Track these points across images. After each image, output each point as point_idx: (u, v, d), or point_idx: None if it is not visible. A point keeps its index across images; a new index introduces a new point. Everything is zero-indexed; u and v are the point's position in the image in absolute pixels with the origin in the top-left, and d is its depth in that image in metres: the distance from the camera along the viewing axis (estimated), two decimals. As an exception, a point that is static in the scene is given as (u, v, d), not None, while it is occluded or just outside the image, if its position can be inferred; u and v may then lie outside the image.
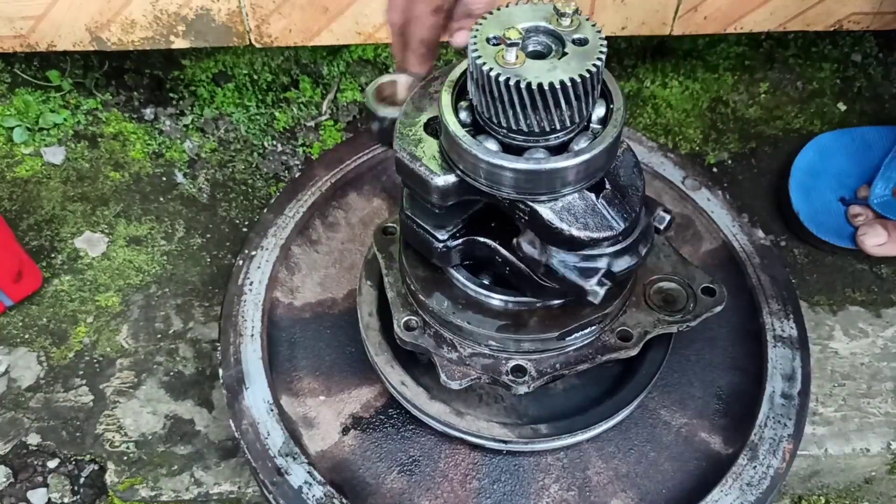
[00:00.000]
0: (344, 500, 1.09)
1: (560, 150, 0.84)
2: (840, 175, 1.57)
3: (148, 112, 1.73)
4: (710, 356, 1.24)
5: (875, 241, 1.46)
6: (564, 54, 0.80)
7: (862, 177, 1.55)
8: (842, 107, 1.78)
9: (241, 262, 1.30)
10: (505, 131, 0.83)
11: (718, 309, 1.10)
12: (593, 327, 1.04)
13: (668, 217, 0.99)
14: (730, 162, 1.72)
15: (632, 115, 1.76)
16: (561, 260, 0.91)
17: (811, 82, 1.80)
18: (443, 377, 1.03)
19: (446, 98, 0.87)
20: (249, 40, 1.52)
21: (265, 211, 1.36)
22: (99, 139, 1.70)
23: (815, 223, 1.54)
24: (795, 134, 1.74)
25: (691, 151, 1.73)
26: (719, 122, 1.76)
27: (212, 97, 1.74)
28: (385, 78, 1.02)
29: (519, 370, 1.03)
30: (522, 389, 1.03)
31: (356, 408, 1.19)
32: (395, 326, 1.05)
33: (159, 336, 1.47)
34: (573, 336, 1.03)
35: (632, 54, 1.80)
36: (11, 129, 1.67)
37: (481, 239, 0.96)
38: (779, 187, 1.64)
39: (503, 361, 1.04)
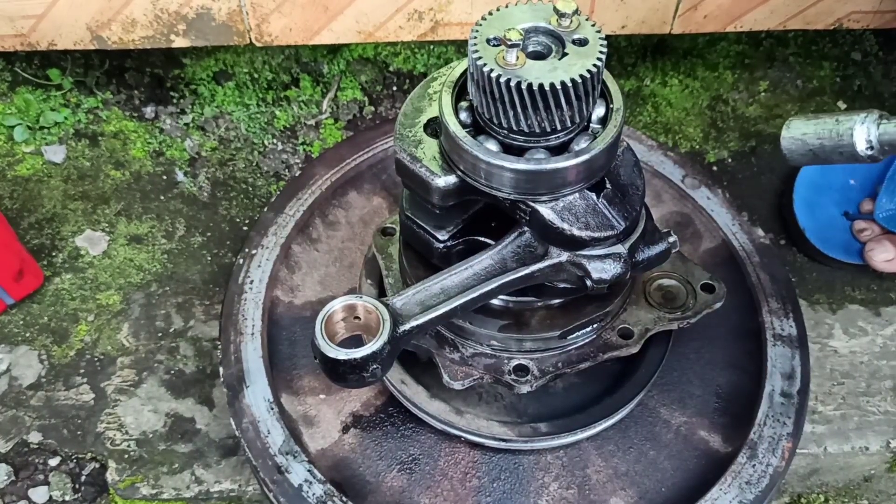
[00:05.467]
0: (344, 499, 1.09)
1: (560, 150, 0.84)
2: (842, 189, 1.55)
3: (148, 111, 1.73)
4: (709, 355, 1.25)
5: (884, 256, 1.43)
6: (565, 55, 0.80)
7: (863, 190, 1.54)
8: (842, 105, 1.78)
9: (241, 261, 1.30)
10: (505, 132, 0.84)
11: (718, 305, 1.10)
12: (594, 325, 1.05)
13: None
14: (729, 160, 1.72)
15: (632, 113, 1.76)
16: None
17: (811, 81, 1.80)
18: (445, 378, 1.03)
19: (446, 99, 0.87)
20: (250, 39, 1.52)
21: (265, 209, 1.36)
22: (99, 138, 1.70)
23: (822, 240, 1.53)
24: (795, 132, 1.74)
25: (691, 150, 1.73)
26: (719, 120, 1.76)
27: (212, 96, 1.74)
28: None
29: (521, 370, 1.03)
30: (525, 389, 1.03)
31: (356, 406, 1.20)
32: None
33: (160, 334, 1.47)
34: (574, 335, 1.04)
35: (632, 53, 1.80)
36: (12, 127, 1.67)
37: (482, 239, 0.96)
38: (781, 203, 1.62)
39: (505, 361, 1.04)
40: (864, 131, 0.97)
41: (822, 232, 1.54)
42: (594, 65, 0.79)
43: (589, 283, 0.90)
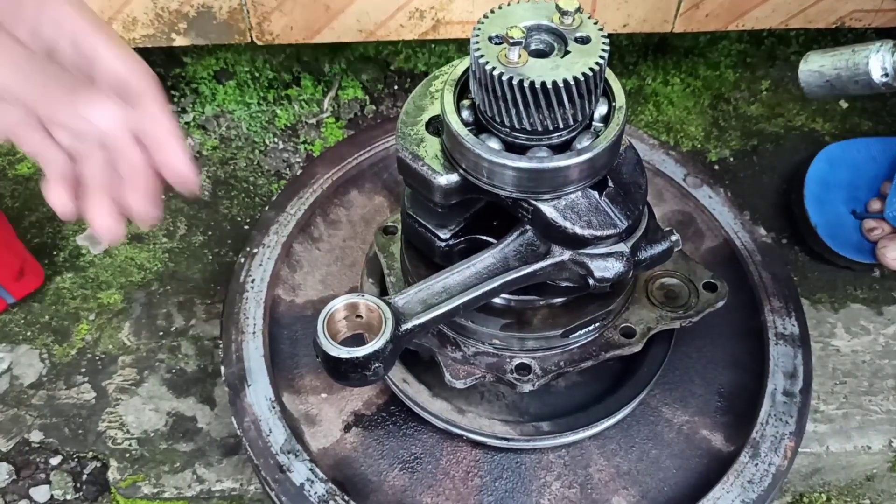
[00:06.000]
0: (346, 498, 1.09)
1: (562, 148, 0.84)
2: (849, 187, 1.54)
3: (149, 109, 1.72)
4: (711, 354, 1.25)
5: None
6: (567, 52, 0.80)
7: (869, 189, 1.53)
8: (843, 104, 1.78)
9: (242, 260, 1.30)
10: (508, 130, 0.83)
11: (720, 304, 1.10)
12: (596, 324, 1.05)
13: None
14: (731, 159, 1.72)
15: (633, 112, 1.76)
16: None
17: (813, 79, 1.80)
18: (447, 377, 1.03)
19: (448, 97, 0.87)
20: (251, 38, 1.52)
21: (267, 208, 1.36)
22: (100, 136, 1.69)
23: (832, 237, 1.52)
24: (797, 131, 1.74)
25: (693, 149, 1.73)
26: (721, 119, 1.76)
27: (213, 94, 1.74)
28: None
29: (523, 368, 1.03)
30: (527, 388, 1.03)
31: (358, 405, 1.20)
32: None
33: (161, 333, 1.47)
34: (577, 333, 1.04)
35: (633, 51, 1.80)
36: (13, 126, 1.67)
37: (484, 238, 0.96)
38: (788, 202, 1.61)
39: (507, 360, 1.04)
40: (879, 59, 1.00)
41: (832, 229, 1.53)
42: (596, 63, 0.79)
43: (591, 281, 0.90)
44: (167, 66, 1.74)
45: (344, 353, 0.83)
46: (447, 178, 0.88)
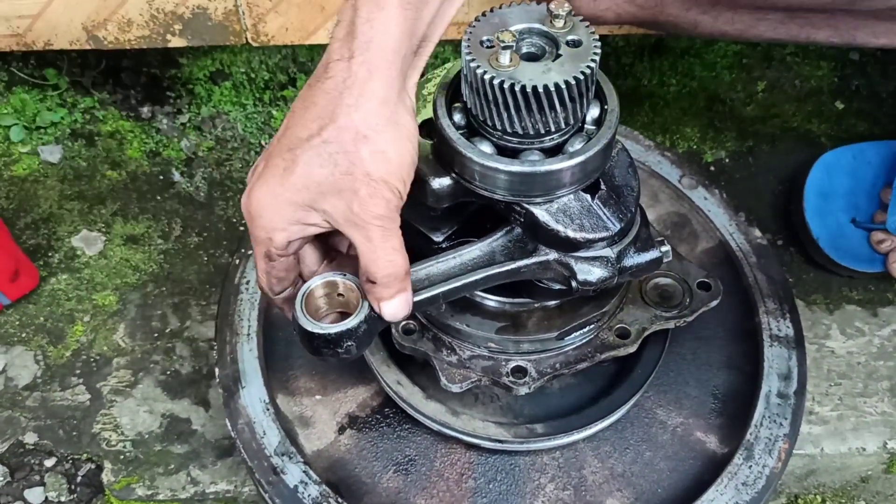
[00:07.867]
0: (340, 500, 1.09)
1: (555, 151, 0.84)
2: (848, 195, 1.53)
3: (145, 110, 1.72)
4: (706, 355, 1.24)
5: None
6: (558, 56, 0.80)
7: (868, 195, 1.52)
8: (839, 105, 1.78)
9: (237, 261, 1.30)
10: (499, 134, 0.83)
11: (714, 303, 1.10)
12: (591, 326, 1.04)
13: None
14: (727, 160, 1.72)
15: (629, 113, 1.76)
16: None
17: (809, 80, 1.80)
18: (443, 381, 1.03)
19: (440, 100, 0.86)
20: (246, 39, 1.51)
21: (262, 210, 1.35)
22: (96, 138, 1.70)
23: (835, 248, 1.51)
24: (793, 132, 1.74)
25: (688, 150, 1.72)
26: (717, 120, 1.76)
27: (209, 95, 1.73)
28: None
29: (519, 371, 1.03)
30: (523, 390, 1.03)
31: (352, 407, 1.20)
32: (394, 331, 1.05)
33: (156, 335, 1.47)
34: (572, 335, 1.03)
35: (629, 53, 1.79)
36: (8, 127, 1.67)
37: (476, 241, 0.96)
38: (789, 211, 1.60)
39: (503, 363, 1.04)
40: None
41: (834, 241, 1.52)
42: (588, 66, 0.79)
43: (574, 284, 0.90)
44: (163, 67, 1.74)
45: (317, 328, 0.84)
46: (439, 182, 0.88)
